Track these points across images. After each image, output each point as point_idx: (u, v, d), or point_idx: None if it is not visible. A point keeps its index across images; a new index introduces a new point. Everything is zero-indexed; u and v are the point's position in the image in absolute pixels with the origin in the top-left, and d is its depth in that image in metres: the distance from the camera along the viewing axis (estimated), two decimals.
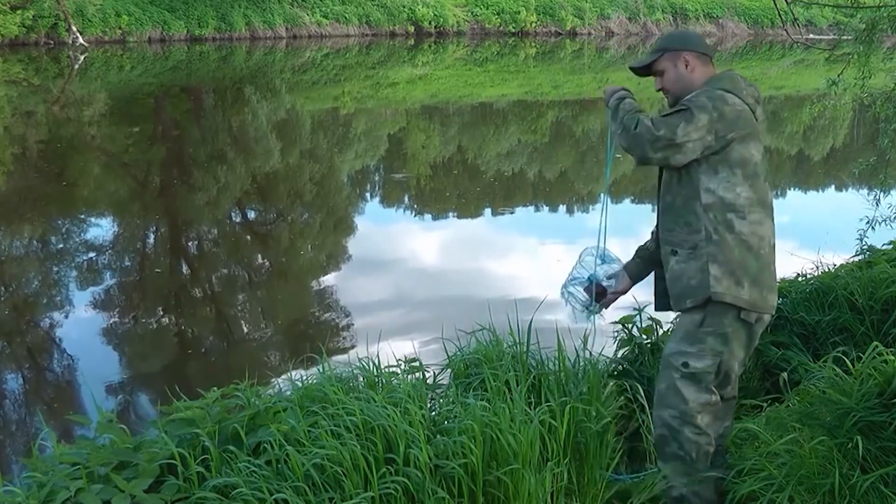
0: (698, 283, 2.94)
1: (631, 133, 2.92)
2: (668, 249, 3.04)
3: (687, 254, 2.97)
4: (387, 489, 2.65)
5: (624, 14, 38.22)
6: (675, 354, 3.01)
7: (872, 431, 3.09)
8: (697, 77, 3.03)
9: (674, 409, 3.00)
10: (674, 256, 3.02)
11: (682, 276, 2.99)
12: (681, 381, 2.98)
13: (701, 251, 2.94)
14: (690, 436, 2.99)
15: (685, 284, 2.98)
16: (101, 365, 5.77)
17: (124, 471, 2.71)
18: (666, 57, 3.06)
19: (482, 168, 13.76)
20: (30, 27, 24.47)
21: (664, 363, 3.07)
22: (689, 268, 2.97)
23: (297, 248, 9.10)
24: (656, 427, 3.10)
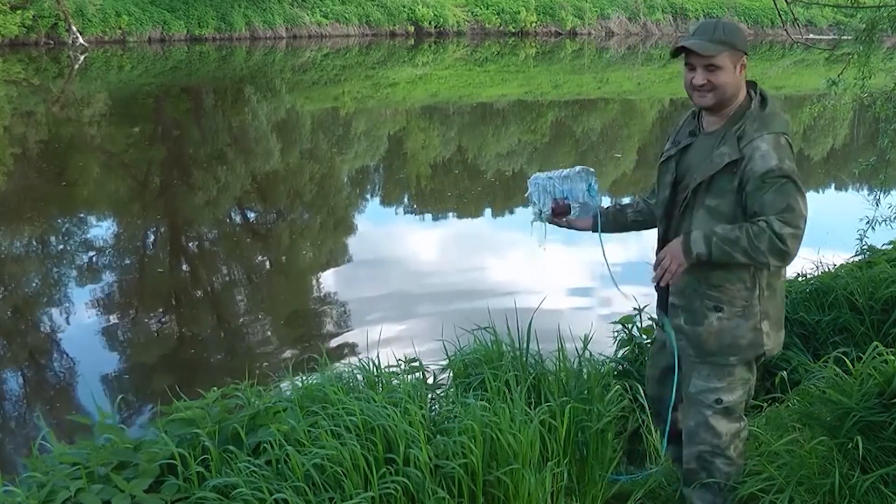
0: (749, 342, 2.82)
1: (785, 250, 2.64)
2: (709, 305, 2.82)
3: (736, 312, 2.80)
4: (387, 489, 2.65)
5: (624, 14, 38.23)
6: (705, 393, 2.89)
7: (872, 431, 3.09)
8: (741, 85, 2.80)
9: (706, 444, 2.92)
10: (717, 313, 2.81)
11: (724, 333, 2.82)
12: (714, 418, 2.89)
13: (755, 309, 2.81)
14: (722, 467, 2.94)
15: (729, 342, 2.82)
16: (101, 365, 5.77)
17: (124, 471, 2.71)
18: (728, 55, 2.73)
19: (482, 168, 13.76)
20: (30, 27, 24.48)
21: (691, 401, 2.93)
22: (738, 326, 2.81)
23: (297, 248, 9.10)
24: (687, 462, 2.99)
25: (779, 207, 2.63)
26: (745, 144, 2.67)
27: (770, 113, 2.75)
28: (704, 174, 2.75)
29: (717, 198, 2.74)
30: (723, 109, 2.78)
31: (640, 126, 19.11)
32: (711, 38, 2.71)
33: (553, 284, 7.07)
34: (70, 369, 5.79)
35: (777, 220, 2.63)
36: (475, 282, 7.54)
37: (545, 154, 15.16)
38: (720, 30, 2.73)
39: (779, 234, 2.62)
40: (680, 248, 2.74)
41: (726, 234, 2.66)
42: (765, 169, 2.64)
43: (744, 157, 2.67)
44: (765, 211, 2.65)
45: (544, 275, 7.72)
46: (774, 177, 2.64)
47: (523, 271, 7.94)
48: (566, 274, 7.89)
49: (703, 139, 2.84)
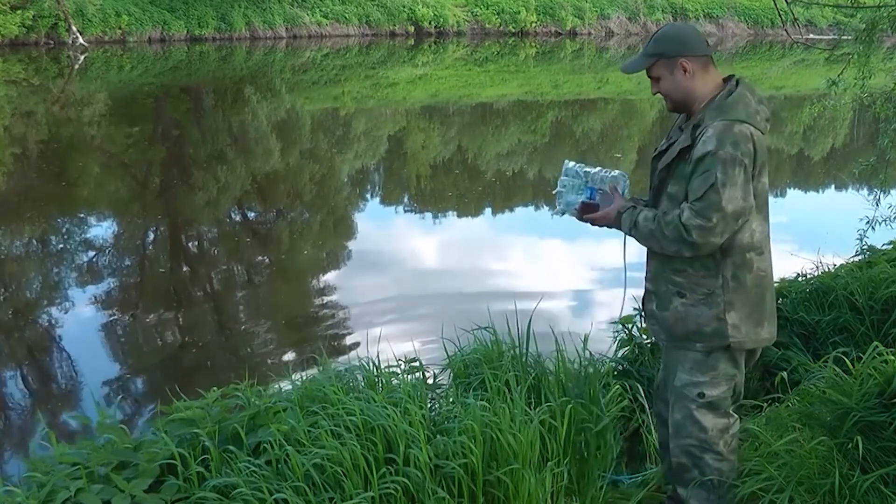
0: (713, 330, 2.81)
1: (690, 241, 2.69)
2: (672, 290, 2.86)
3: (699, 299, 2.81)
4: (387, 489, 2.65)
5: (624, 14, 38.23)
6: (688, 386, 2.88)
7: (872, 431, 3.09)
8: (699, 83, 2.82)
9: (693, 438, 2.90)
10: (680, 298, 2.84)
11: (688, 318, 2.84)
12: (698, 412, 2.88)
13: (717, 298, 2.79)
14: (712, 463, 2.91)
15: (694, 329, 2.84)
16: (101, 365, 5.77)
17: (124, 471, 2.71)
18: (661, 63, 2.83)
19: (482, 168, 13.76)
20: (30, 27, 24.48)
21: (676, 395, 2.92)
22: (701, 314, 2.82)
23: (297, 248, 9.10)
24: (675, 456, 2.97)
25: (696, 195, 2.69)
26: (698, 132, 2.75)
27: (731, 101, 2.76)
28: (664, 162, 2.85)
29: (675, 184, 2.81)
30: (689, 109, 2.87)
31: (640, 126, 19.11)
32: (643, 53, 2.86)
33: (553, 284, 7.08)
34: (70, 369, 5.79)
35: (689, 209, 2.70)
36: (475, 282, 7.54)
37: (545, 154, 15.16)
38: (651, 43, 2.86)
39: (685, 224, 2.68)
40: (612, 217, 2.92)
41: (644, 227, 2.80)
42: (701, 153, 2.69)
43: (693, 142, 2.75)
44: (689, 195, 2.73)
45: (544, 275, 7.73)
46: (706, 163, 2.68)
47: (523, 271, 7.95)
48: (566, 274, 7.89)
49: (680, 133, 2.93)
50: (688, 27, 3.00)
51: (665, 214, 2.77)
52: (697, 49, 2.85)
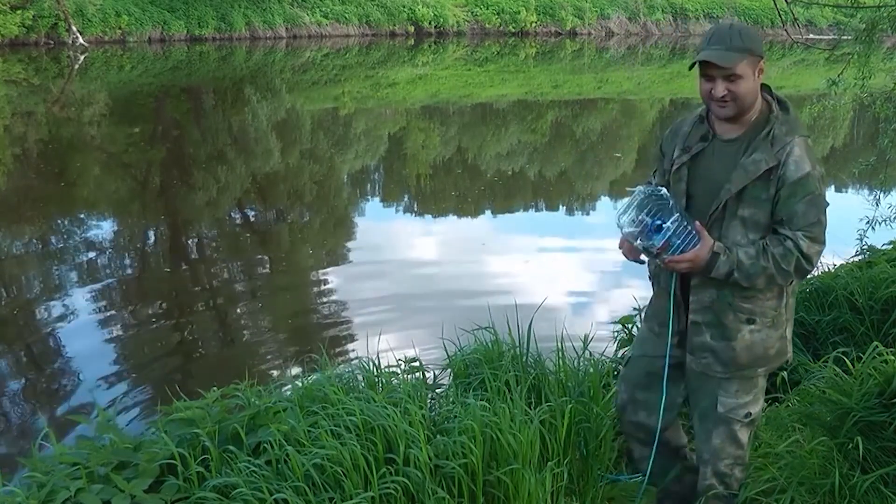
0: (777, 350, 2.78)
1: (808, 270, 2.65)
2: (741, 318, 2.70)
3: (767, 323, 2.72)
4: (387, 489, 2.65)
5: (624, 14, 38.22)
6: (735, 409, 2.79)
7: (872, 431, 3.09)
8: (758, 89, 2.68)
9: (730, 458, 2.85)
10: (749, 325, 2.71)
11: (757, 345, 2.73)
12: (741, 431, 2.82)
13: (781, 318, 2.75)
14: (739, 475, 2.90)
15: (762, 354, 2.75)
16: (101, 365, 5.76)
17: (124, 471, 2.71)
18: (749, 61, 2.58)
19: (482, 168, 13.76)
20: (30, 27, 24.46)
21: (719, 420, 2.80)
22: (768, 337, 2.74)
23: (298, 248, 9.10)
24: (705, 478, 2.89)
25: (808, 221, 2.58)
26: (778, 149, 2.58)
27: (794, 116, 2.68)
28: (739, 183, 2.60)
29: (750, 207, 2.62)
30: (742, 117, 2.66)
31: (640, 126, 19.11)
32: (730, 47, 2.57)
33: (553, 284, 7.07)
34: (70, 369, 5.79)
35: (804, 237, 2.57)
36: (475, 282, 7.54)
37: (545, 154, 15.16)
38: (737, 36, 2.58)
39: (806, 255, 2.58)
40: (702, 264, 2.62)
41: (752, 267, 2.58)
42: (799, 175, 2.55)
43: (779, 162, 2.57)
44: (793, 222, 2.58)
45: (544, 275, 7.72)
46: (808, 186, 2.56)
47: (523, 271, 7.94)
48: (566, 274, 7.89)
49: (722, 146, 2.71)
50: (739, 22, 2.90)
51: (772, 247, 2.59)
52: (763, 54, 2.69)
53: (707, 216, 2.67)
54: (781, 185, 2.57)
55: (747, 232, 2.63)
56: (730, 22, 2.72)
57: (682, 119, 2.93)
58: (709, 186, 2.69)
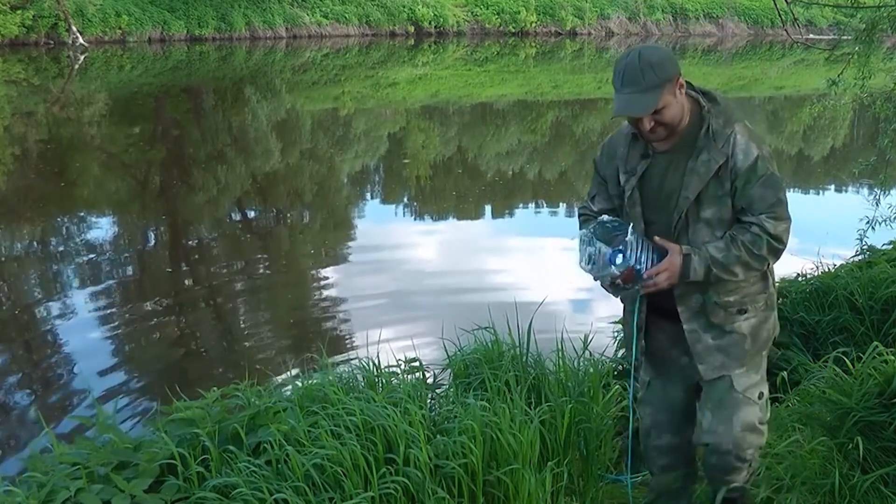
0: (770, 332, 2.78)
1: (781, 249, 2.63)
2: (732, 312, 2.68)
3: (761, 307, 2.73)
4: (387, 489, 2.64)
5: (624, 14, 38.22)
6: (751, 388, 2.75)
7: (872, 431, 3.09)
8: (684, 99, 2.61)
9: (752, 448, 2.78)
10: (742, 316, 2.69)
11: (760, 331, 2.73)
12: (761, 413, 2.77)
13: (771, 298, 2.77)
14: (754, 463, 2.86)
15: (767, 337, 2.77)
16: (101, 365, 5.77)
17: (124, 471, 2.71)
18: (668, 89, 2.52)
19: (482, 168, 13.76)
20: (30, 27, 24.47)
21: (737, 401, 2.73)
22: (768, 319, 2.75)
23: (297, 248, 9.10)
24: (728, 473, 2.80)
25: (768, 202, 2.57)
26: (722, 144, 2.56)
27: (725, 103, 2.65)
28: (695, 188, 2.58)
29: (711, 207, 2.60)
30: (676, 130, 2.62)
31: None
32: (644, 88, 2.48)
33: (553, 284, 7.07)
34: (70, 369, 5.79)
35: (768, 218, 2.57)
36: (475, 282, 7.54)
37: (545, 154, 15.16)
38: (649, 71, 2.49)
39: (775, 235, 2.58)
40: (678, 270, 2.59)
41: (726, 259, 2.56)
42: (749, 162, 2.55)
43: (727, 156, 2.56)
44: (753, 207, 2.57)
45: (544, 275, 7.72)
46: (759, 169, 2.56)
47: (523, 271, 7.94)
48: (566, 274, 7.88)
49: (664, 158, 2.66)
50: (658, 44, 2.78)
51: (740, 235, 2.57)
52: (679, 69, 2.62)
53: (671, 229, 2.64)
54: (735, 176, 2.56)
55: (714, 231, 2.62)
56: (637, 51, 2.54)
57: (610, 138, 2.85)
58: (664, 201, 2.67)
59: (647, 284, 2.61)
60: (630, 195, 2.71)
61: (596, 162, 2.88)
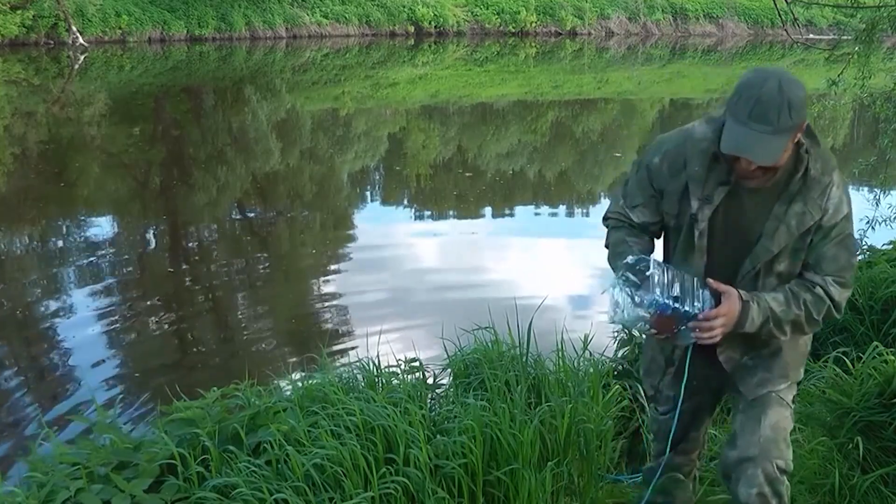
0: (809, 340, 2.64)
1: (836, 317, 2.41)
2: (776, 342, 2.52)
3: None
4: (387, 489, 2.64)
5: (624, 14, 38.21)
6: (784, 391, 2.51)
7: (872, 431, 3.10)
8: None
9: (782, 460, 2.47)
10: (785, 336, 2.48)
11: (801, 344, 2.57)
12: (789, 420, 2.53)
13: None
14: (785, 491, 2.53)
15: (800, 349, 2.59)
16: (101, 365, 5.77)
17: (124, 471, 2.71)
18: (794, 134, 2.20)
19: (482, 168, 13.76)
20: (30, 27, 24.45)
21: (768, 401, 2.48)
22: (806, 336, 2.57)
23: (297, 249, 9.10)
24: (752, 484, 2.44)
25: (840, 265, 2.31)
26: (818, 195, 2.28)
27: (824, 147, 2.37)
28: (781, 242, 2.30)
29: (788, 260, 2.35)
30: None
31: (640, 126, 19.10)
32: (777, 129, 2.12)
33: (553, 284, 7.07)
34: (70, 369, 5.79)
35: (834, 282, 2.31)
36: (475, 282, 7.54)
37: (545, 154, 15.16)
38: (786, 111, 2.11)
39: (837, 303, 2.33)
40: (736, 318, 2.31)
41: (784, 315, 2.31)
42: (836, 220, 2.29)
43: (823, 212, 2.29)
44: (821, 266, 2.31)
45: (544, 275, 7.72)
46: (842, 228, 2.30)
47: (523, 271, 7.94)
48: (566, 274, 7.89)
49: (748, 193, 2.34)
50: (795, 79, 2.22)
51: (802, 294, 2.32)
52: None
53: (735, 273, 2.37)
54: (816, 230, 2.30)
55: (782, 286, 2.38)
56: (777, 81, 2.13)
57: (676, 145, 2.42)
58: (737, 241, 2.36)
59: (702, 328, 2.30)
60: (702, 228, 2.36)
61: (650, 168, 2.46)
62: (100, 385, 5.43)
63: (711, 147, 2.30)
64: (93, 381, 5.44)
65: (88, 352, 5.97)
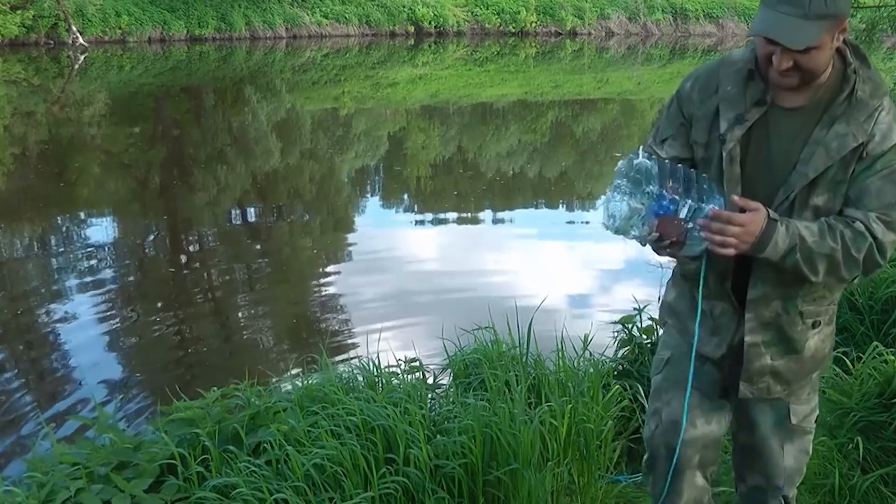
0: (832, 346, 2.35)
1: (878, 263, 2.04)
2: (808, 324, 2.18)
3: (826, 321, 2.25)
4: (387, 489, 2.65)
5: (624, 14, 38.23)
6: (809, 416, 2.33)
7: (872, 431, 3.10)
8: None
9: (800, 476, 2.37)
10: (814, 329, 2.20)
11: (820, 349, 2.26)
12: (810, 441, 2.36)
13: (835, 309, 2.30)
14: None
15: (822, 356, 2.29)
16: (101, 365, 5.77)
17: (124, 471, 2.71)
18: (830, 27, 1.92)
19: (482, 168, 13.76)
20: (30, 27, 24.46)
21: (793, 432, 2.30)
22: (830, 335, 2.30)
23: (298, 249, 9.10)
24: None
25: (885, 201, 2.00)
26: (865, 118, 2.00)
27: (874, 67, 2.10)
28: (819, 166, 2.01)
29: (826, 193, 2.04)
30: (811, 83, 2.04)
31: (640, 126, 19.11)
32: (808, 14, 1.88)
33: (553, 284, 7.07)
34: (70, 369, 5.78)
35: (878, 219, 2.00)
36: (475, 282, 7.54)
37: (545, 154, 15.16)
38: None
39: (881, 244, 2.01)
40: (758, 233, 1.97)
41: (817, 246, 1.99)
42: (884, 148, 1.99)
43: (867, 135, 2.00)
44: (864, 201, 2.01)
45: (544, 275, 7.72)
46: (890, 160, 2.00)
47: (523, 271, 7.94)
48: (566, 274, 7.89)
49: (784, 115, 2.08)
50: None
51: (839, 226, 2.01)
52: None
53: (772, 207, 2.05)
54: (860, 159, 2.01)
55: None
56: None
57: (708, 68, 2.22)
58: (770, 169, 2.08)
59: (712, 228, 1.96)
60: (731, 149, 2.07)
61: (680, 95, 2.22)
62: (99, 385, 5.43)
63: (747, 66, 2.10)
64: (92, 380, 5.44)
65: (88, 351, 5.97)
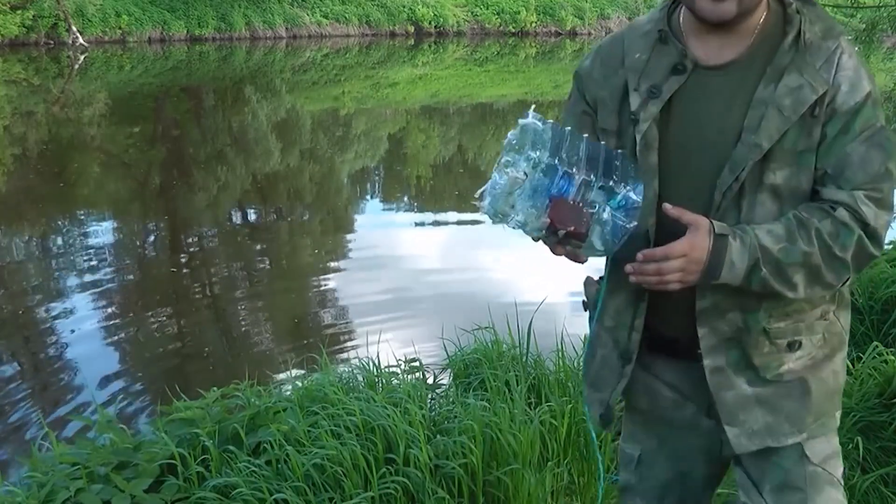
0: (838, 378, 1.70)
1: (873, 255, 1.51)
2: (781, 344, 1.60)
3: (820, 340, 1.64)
4: (387, 489, 2.65)
5: (624, 14, 38.23)
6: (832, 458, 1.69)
7: (872, 431, 3.10)
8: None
9: None
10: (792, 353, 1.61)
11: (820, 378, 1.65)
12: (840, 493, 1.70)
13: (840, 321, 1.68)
14: None
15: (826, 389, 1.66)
16: (101, 365, 5.76)
17: (124, 471, 2.71)
18: None
19: (482, 168, 13.76)
20: (30, 27, 24.46)
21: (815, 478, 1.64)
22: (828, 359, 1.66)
23: (297, 249, 9.10)
24: None
25: (871, 172, 1.49)
26: (821, 64, 1.49)
27: (820, 6, 1.58)
28: (772, 131, 1.48)
29: (787, 167, 1.51)
30: (743, 23, 1.53)
31: None
32: None
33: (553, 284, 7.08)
34: (70, 369, 5.78)
35: (869, 197, 1.48)
36: (475, 282, 7.54)
37: None
38: None
39: (872, 231, 1.50)
40: (704, 259, 1.48)
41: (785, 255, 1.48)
42: (857, 99, 1.49)
43: (828, 85, 1.48)
44: (846, 175, 1.49)
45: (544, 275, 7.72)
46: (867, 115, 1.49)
47: (523, 271, 7.94)
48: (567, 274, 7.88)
49: (711, 78, 1.56)
50: None
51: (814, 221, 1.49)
52: None
53: (710, 199, 1.54)
54: (829, 117, 1.49)
55: (783, 208, 1.53)
56: None
57: (611, 38, 1.73)
58: (702, 149, 1.55)
59: (643, 271, 1.51)
60: (645, 132, 1.57)
61: (580, 75, 1.77)
62: (100, 385, 5.43)
63: (657, 27, 1.61)
64: (93, 380, 5.44)
65: (88, 352, 5.97)
